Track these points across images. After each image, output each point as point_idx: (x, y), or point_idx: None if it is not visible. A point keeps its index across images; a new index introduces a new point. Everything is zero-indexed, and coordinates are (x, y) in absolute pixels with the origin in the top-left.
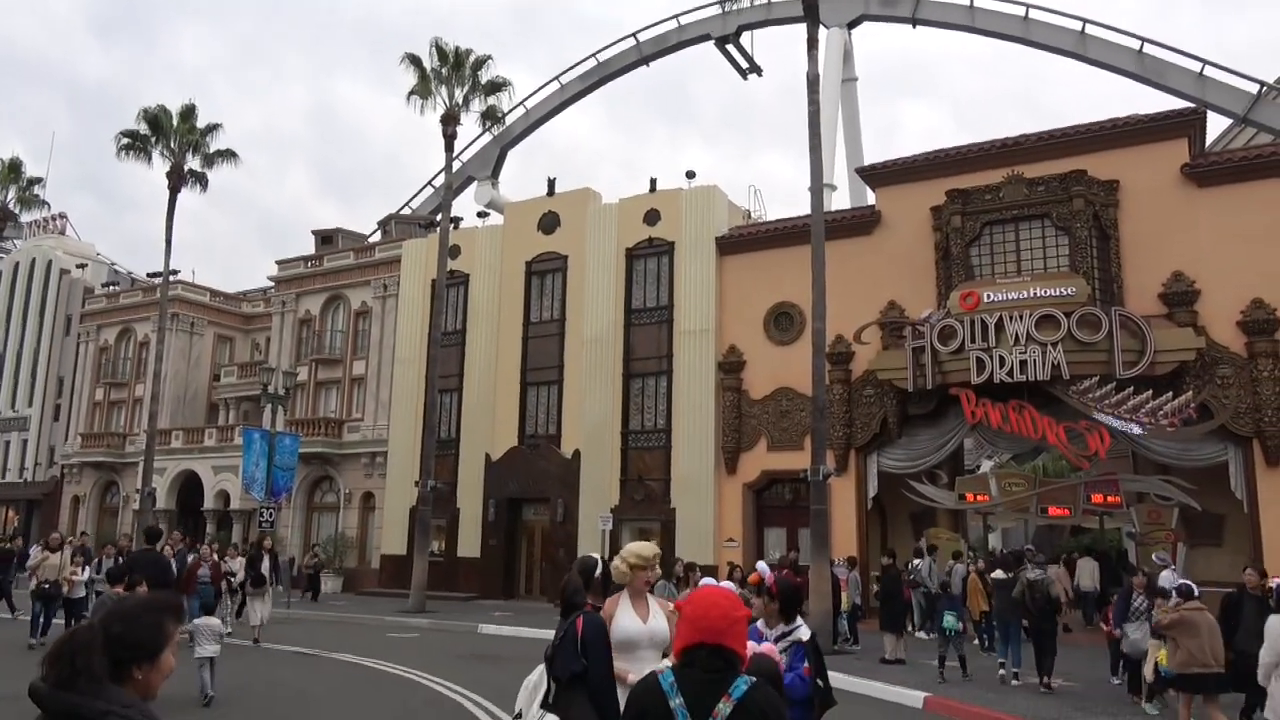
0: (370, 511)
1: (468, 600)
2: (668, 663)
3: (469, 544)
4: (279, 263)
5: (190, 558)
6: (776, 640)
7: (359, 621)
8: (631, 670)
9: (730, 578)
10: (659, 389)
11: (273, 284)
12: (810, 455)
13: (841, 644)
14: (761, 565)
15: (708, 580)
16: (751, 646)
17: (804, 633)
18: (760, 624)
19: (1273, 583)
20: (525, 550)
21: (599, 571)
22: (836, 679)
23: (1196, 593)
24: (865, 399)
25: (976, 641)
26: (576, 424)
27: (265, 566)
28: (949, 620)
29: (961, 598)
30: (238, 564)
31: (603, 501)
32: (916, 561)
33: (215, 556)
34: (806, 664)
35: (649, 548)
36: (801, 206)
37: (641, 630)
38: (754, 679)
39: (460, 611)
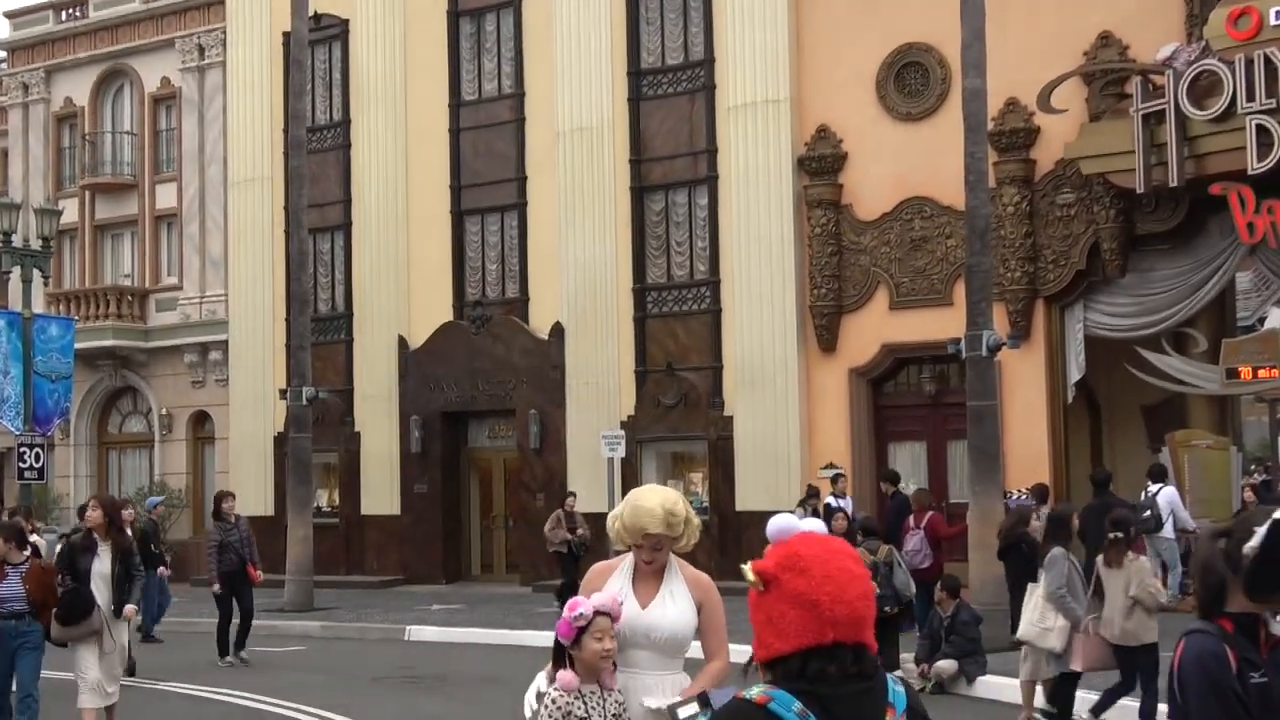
0: (206, 445)
1: (385, 586)
2: (757, 688)
3: (380, 494)
4: (11, 16)
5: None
6: None
7: (202, 628)
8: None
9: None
10: (695, 212)
11: (2, 55)
12: (965, 314)
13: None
14: None
15: (784, 520)
16: None
17: None
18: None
19: None
20: (477, 499)
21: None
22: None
23: None
24: (1060, 212)
25: None
26: (553, 280)
27: (99, 567)
28: None
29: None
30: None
31: (606, 411)
32: (1154, 488)
33: (36, 537)
34: None
35: (660, 502)
36: None
37: (636, 621)
38: (893, 674)
39: (373, 606)
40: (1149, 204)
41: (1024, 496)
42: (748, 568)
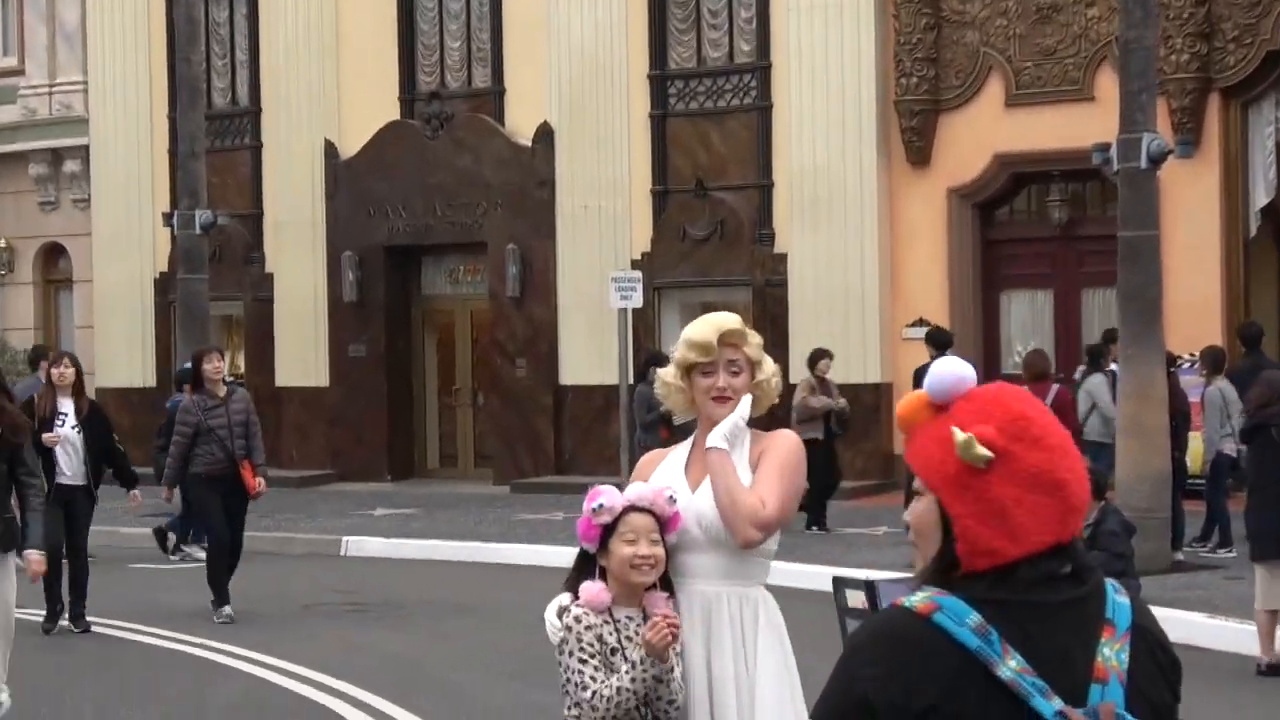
0: (61, 289)
1: (310, 484)
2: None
3: (301, 358)
4: None
5: None
6: None
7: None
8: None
9: None
10: None
11: None
12: (1118, 110)
13: (1193, 549)
14: None
15: (955, 366)
16: None
17: None
18: None
19: None
20: (435, 366)
21: None
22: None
23: None
24: None
25: None
26: (539, 64)
27: None
28: None
29: None
30: None
31: (612, 246)
32: None
33: None
34: None
35: (721, 321)
36: None
37: (685, 508)
38: (1113, 581)
39: (296, 510)
40: None
41: (1192, 362)
42: (968, 435)
